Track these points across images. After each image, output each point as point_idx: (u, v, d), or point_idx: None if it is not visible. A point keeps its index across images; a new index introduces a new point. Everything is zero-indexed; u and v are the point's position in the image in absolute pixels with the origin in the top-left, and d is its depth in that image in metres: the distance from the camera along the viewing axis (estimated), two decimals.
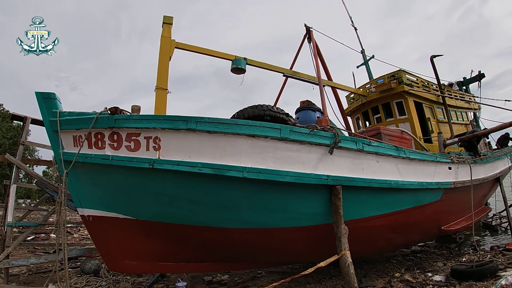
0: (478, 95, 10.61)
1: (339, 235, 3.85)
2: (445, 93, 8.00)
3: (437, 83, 7.83)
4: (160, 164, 3.32)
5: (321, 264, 3.66)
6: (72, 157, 3.59)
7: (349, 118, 8.81)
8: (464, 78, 11.49)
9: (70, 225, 11.16)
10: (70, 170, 3.64)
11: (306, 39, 6.43)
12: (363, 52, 10.13)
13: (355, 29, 10.35)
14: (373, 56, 10.01)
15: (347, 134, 4.55)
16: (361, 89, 8.28)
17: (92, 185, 3.79)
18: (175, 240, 3.94)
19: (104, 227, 3.81)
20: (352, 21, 10.41)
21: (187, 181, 3.43)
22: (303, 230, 4.02)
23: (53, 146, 3.78)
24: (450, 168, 5.72)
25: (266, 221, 3.84)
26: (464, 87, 11.28)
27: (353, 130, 8.48)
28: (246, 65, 5.68)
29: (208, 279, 5.80)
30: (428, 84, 8.13)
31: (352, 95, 8.85)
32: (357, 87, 8.61)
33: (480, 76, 11.04)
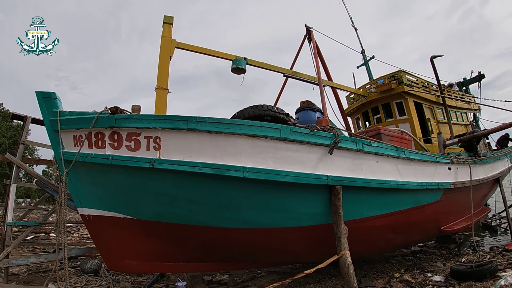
0: (478, 96, 10.62)
1: (339, 235, 3.85)
2: (445, 93, 8.01)
3: (437, 83, 7.84)
4: (160, 164, 3.33)
5: (321, 265, 3.67)
6: (73, 156, 3.59)
7: (349, 119, 8.82)
8: (464, 78, 11.49)
9: (70, 224, 11.16)
10: (70, 169, 3.65)
11: (306, 39, 6.44)
12: (363, 52, 10.13)
13: (355, 29, 10.35)
14: (373, 56, 10.01)
15: (347, 134, 4.56)
16: (361, 90, 8.28)
17: (92, 185, 3.80)
18: (175, 240, 3.94)
19: (104, 226, 3.82)
20: (352, 21, 10.42)
21: (187, 181, 3.44)
22: (303, 230, 4.03)
23: (53, 146, 3.78)
24: (450, 169, 5.73)
25: (266, 221, 3.85)
26: (464, 88, 11.28)
27: (353, 131, 8.48)
28: (247, 65, 5.68)
29: (208, 278, 5.81)
30: (428, 84, 8.13)
31: (352, 96, 8.85)
32: (357, 87, 8.61)
33: (480, 77, 11.04)
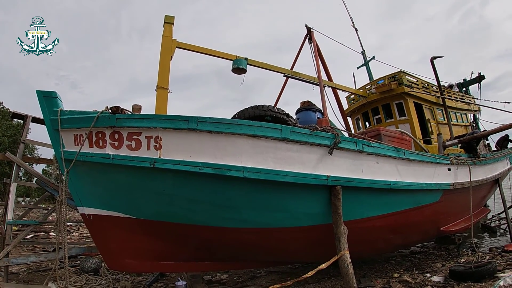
0: (478, 97, 10.63)
1: (339, 235, 3.86)
2: (445, 94, 8.02)
3: (437, 84, 7.85)
4: (161, 164, 3.34)
5: (322, 266, 3.68)
6: (73, 156, 3.60)
7: (349, 119, 8.82)
8: (464, 79, 11.50)
9: (69, 223, 11.16)
10: (71, 169, 3.65)
11: (306, 39, 6.45)
12: (363, 53, 10.13)
13: (356, 30, 10.35)
14: (373, 57, 10.02)
15: (347, 134, 4.56)
16: (361, 90, 8.29)
17: (93, 184, 3.80)
18: (175, 239, 3.95)
19: (105, 226, 3.83)
20: (352, 22, 10.42)
21: (187, 180, 3.45)
22: (302, 230, 4.04)
23: (54, 145, 3.79)
24: (449, 170, 5.74)
25: (266, 221, 3.86)
26: (464, 89, 11.29)
27: (353, 131, 8.49)
28: (247, 65, 5.69)
29: (207, 278, 5.81)
30: (428, 85, 8.14)
31: (352, 96, 8.85)
32: (357, 88, 8.62)
33: (480, 78, 11.05)
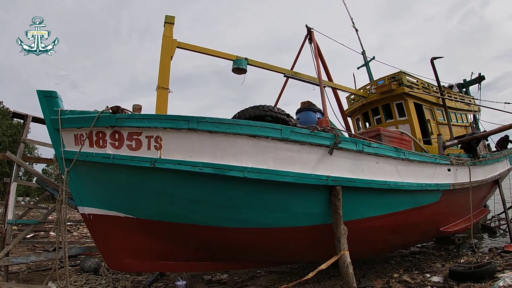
0: (478, 97, 10.64)
1: (339, 235, 3.86)
2: (445, 95, 8.03)
3: (437, 85, 7.86)
4: (161, 164, 3.34)
5: (322, 267, 3.68)
6: (73, 155, 3.60)
7: (349, 119, 8.83)
8: (464, 80, 11.50)
9: (69, 223, 11.16)
10: (71, 168, 3.66)
11: (307, 39, 6.45)
12: (363, 53, 10.14)
13: (356, 30, 10.36)
14: (373, 57, 10.03)
15: (347, 135, 4.57)
16: (362, 90, 8.30)
17: (93, 184, 3.81)
18: (175, 239, 3.95)
19: (105, 225, 3.83)
20: (353, 22, 10.43)
21: (188, 180, 3.45)
22: (302, 230, 4.04)
23: (54, 145, 3.79)
24: (449, 170, 5.74)
25: (266, 221, 3.86)
26: (464, 89, 11.29)
27: (353, 131, 8.49)
28: (247, 65, 5.70)
29: (207, 278, 5.82)
30: (428, 86, 8.15)
31: (353, 96, 8.86)
32: (357, 88, 8.63)
33: (480, 78, 11.05)
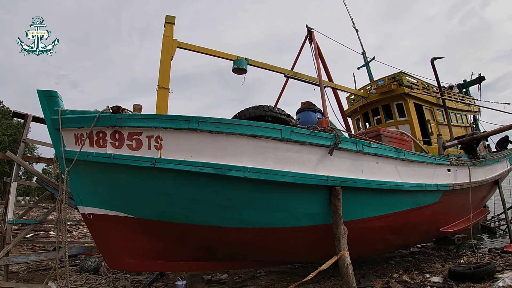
0: (478, 98, 10.65)
1: (338, 235, 3.87)
2: (445, 95, 8.03)
3: (437, 85, 7.86)
4: (161, 163, 3.34)
5: (322, 267, 3.69)
6: (74, 155, 3.60)
7: (349, 119, 8.84)
8: (464, 80, 11.51)
9: (69, 223, 11.17)
10: (71, 168, 3.66)
11: (307, 40, 6.46)
12: (364, 53, 10.15)
13: (356, 30, 10.37)
14: (374, 58, 10.04)
15: (347, 135, 4.57)
16: (362, 91, 8.31)
17: (93, 184, 3.81)
18: (175, 239, 3.96)
19: (105, 225, 3.83)
20: (353, 22, 10.44)
21: (188, 180, 3.45)
22: (302, 230, 4.04)
23: (54, 144, 3.79)
24: (449, 170, 5.74)
25: (266, 221, 3.86)
26: (464, 90, 11.30)
27: (353, 131, 8.50)
28: (248, 65, 5.70)
29: (207, 278, 5.83)
30: (428, 86, 8.15)
31: (353, 96, 8.87)
32: (357, 88, 8.63)
33: (480, 79, 11.06)
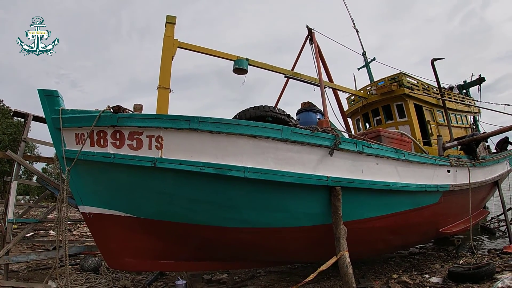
0: (478, 99, 10.66)
1: (338, 235, 3.88)
2: (445, 96, 8.04)
3: (437, 86, 7.87)
4: (162, 163, 3.35)
5: (322, 268, 3.70)
6: (74, 154, 3.60)
7: (349, 120, 8.85)
8: (465, 81, 11.53)
9: (69, 222, 11.17)
10: (72, 167, 3.66)
11: (307, 40, 6.47)
12: (364, 54, 10.16)
13: (357, 31, 10.39)
14: (374, 58, 10.05)
15: (347, 135, 4.58)
16: (362, 91, 8.32)
17: (94, 183, 3.81)
18: (175, 239, 3.96)
19: (105, 224, 3.84)
20: (353, 23, 10.45)
21: (188, 180, 3.46)
22: (302, 230, 4.05)
23: (55, 144, 3.79)
24: (449, 171, 5.75)
25: (266, 221, 3.87)
26: (464, 91, 11.32)
27: (353, 132, 8.51)
28: (248, 65, 5.71)
29: (207, 277, 5.83)
30: (429, 87, 8.17)
31: (353, 97, 8.88)
32: (357, 89, 8.64)
33: (480, 80, 11.08)
